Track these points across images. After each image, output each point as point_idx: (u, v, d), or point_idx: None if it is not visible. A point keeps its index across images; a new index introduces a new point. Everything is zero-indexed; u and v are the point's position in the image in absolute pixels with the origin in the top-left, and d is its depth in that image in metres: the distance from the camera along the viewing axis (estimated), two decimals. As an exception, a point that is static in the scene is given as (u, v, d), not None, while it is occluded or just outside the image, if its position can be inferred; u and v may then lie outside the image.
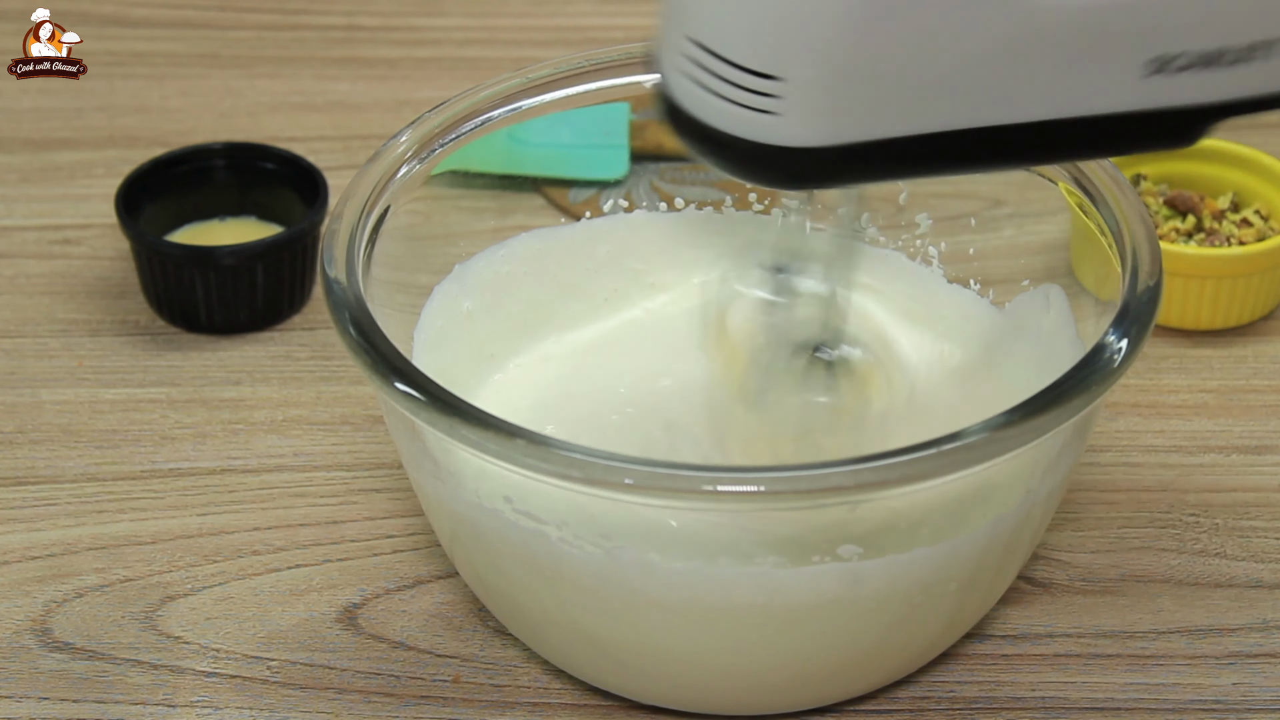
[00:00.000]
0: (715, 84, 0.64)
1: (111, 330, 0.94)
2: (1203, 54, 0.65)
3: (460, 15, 1.16)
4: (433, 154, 0.80)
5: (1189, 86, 0.66)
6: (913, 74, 0.63)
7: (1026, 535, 0.73)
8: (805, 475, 0.66)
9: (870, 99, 0.63)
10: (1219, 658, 0.78)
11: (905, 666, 0.76)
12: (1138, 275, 0.72)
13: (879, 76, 0.63)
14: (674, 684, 0.74)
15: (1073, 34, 0.64)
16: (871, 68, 0.63)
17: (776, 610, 0.69)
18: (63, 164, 1.04)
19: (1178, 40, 0.65)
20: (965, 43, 0.63)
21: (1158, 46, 0.65)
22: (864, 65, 0.63)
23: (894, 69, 0.63)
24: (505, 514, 0.70)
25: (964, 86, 0.64)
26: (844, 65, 0.63)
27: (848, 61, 0.63)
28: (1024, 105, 0.65)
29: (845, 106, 0.63)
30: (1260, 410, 0.89)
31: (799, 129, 0.64)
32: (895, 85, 0.63)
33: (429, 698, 0.77)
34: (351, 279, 0.73)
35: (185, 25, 1.15)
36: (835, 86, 0.63)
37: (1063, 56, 0.64)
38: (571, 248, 0.85)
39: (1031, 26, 0.63)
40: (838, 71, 0.63)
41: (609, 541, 0.69)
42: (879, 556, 0.69)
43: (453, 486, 0.71)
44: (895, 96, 0.64)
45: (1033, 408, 0.67)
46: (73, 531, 0.83)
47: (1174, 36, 0.65)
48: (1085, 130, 0.66)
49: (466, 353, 0.82)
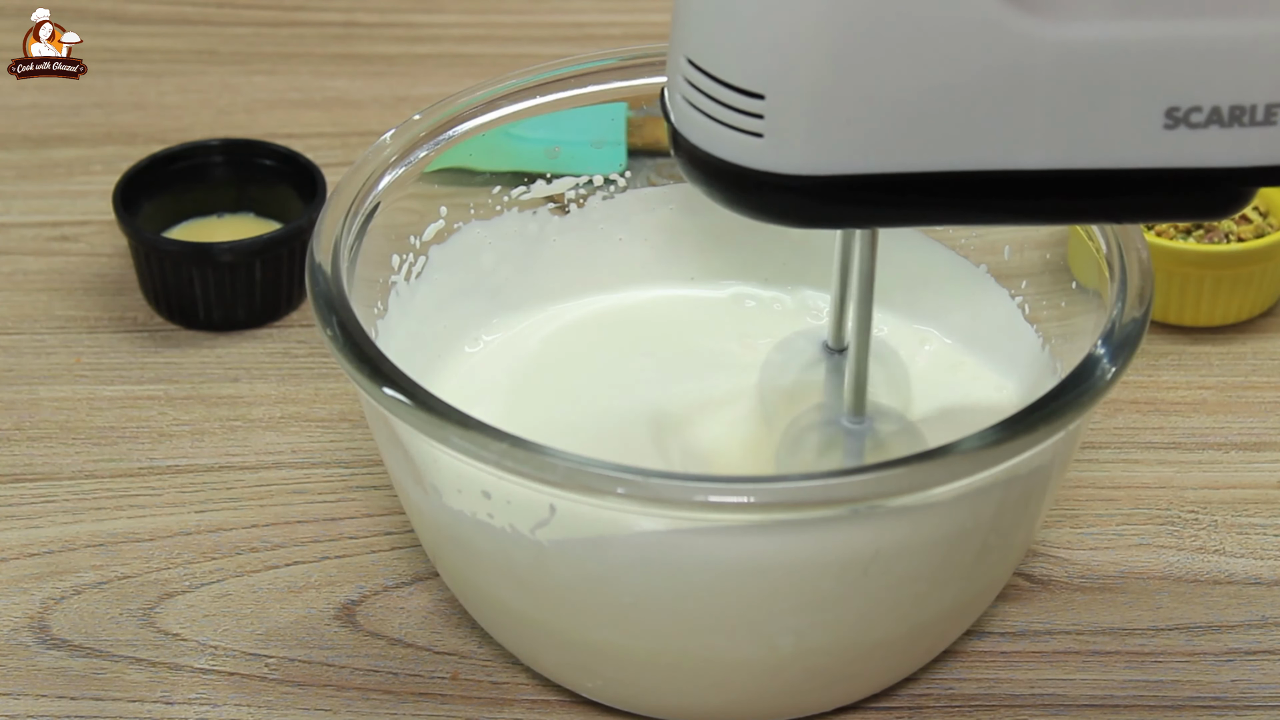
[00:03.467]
0: (707, 105, 0.63)
1: (109, 327, 0.94)
2: (1221, 109, 0.63)
3: (458, 11, 1.16)
4: (431, 149, 0.80)
5: (1213, 145, 0.63)
6: (903, 104, 0.62)
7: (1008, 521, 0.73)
8: (797, 487, 0.66)
9: (857, 127, 0.62)
10: (1217, 654, 0.78)
11: (906, 666, 0.76)
12: (1126, 292, 0.72)
13: (863, 101, 0.62)
14: (670, 692, 0.74)
15: (1078, 72, 0.62)
16: (855, 91, 0.62)
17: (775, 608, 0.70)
18: (60, 160, 1.04)
19: (1192, 92, 0.62)
20: (960, 72, 0.62)
21: (1171, 96, 0.62)
22: (849, 89, 0.62)
23: (882, 96, 0.62)
24: (479, 515, 0.70)
25: (960, 122, 0.62)
26: (827, 87, 0.62)
27: (831, 83, 0.62)
28: (1028, 150, 0.63)
29: (831, 133, 0.62)
30: (1259, 407, 0.89)
31: (784, 154, 0.63)
32: (882, 114, 0.62)
33: (427, 695, 0.77)
34: (335, 271, 0.73)
35: (183, 22, 1.15)
36: (819, 109, 0.62)
37: (1069, 97, 0.62)
38: (560, 238, 0.85)
39: (1031, 59, 0.62)
40: (821, 93, 0.62)
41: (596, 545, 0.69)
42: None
43: (434, 498, 0.72)
44: (884, 128, 0.62)
45: (1024, 423, 0.67)
46: (70, 528, 0.83)
47: (1186, 87, 0.62)
48: (1102, 187, 0.64)
49: (440, 335, 0.82)
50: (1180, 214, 0.66)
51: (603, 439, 0.79)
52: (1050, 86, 0.62)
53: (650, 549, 0.68)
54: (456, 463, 0.68)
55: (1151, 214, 0.66)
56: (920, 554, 0.70)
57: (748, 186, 0.64)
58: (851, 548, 0.68)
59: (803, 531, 0.68)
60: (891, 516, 0.68)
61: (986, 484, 0.69)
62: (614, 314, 0.85)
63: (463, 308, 0.83)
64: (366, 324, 0.73)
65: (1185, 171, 0.64)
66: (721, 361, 0.83)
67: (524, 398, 0.81)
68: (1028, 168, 0.64)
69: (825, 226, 0.66)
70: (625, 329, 0.85)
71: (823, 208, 0.64)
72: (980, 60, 0.62)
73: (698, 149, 0.65)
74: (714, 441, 0.79)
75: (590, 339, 0.84)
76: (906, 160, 0.63)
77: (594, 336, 0.84)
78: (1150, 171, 0.64)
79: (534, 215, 0.85)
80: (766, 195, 0.64)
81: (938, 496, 0.68)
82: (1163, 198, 0.65)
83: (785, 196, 0.64)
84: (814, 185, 0.63)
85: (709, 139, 0.64)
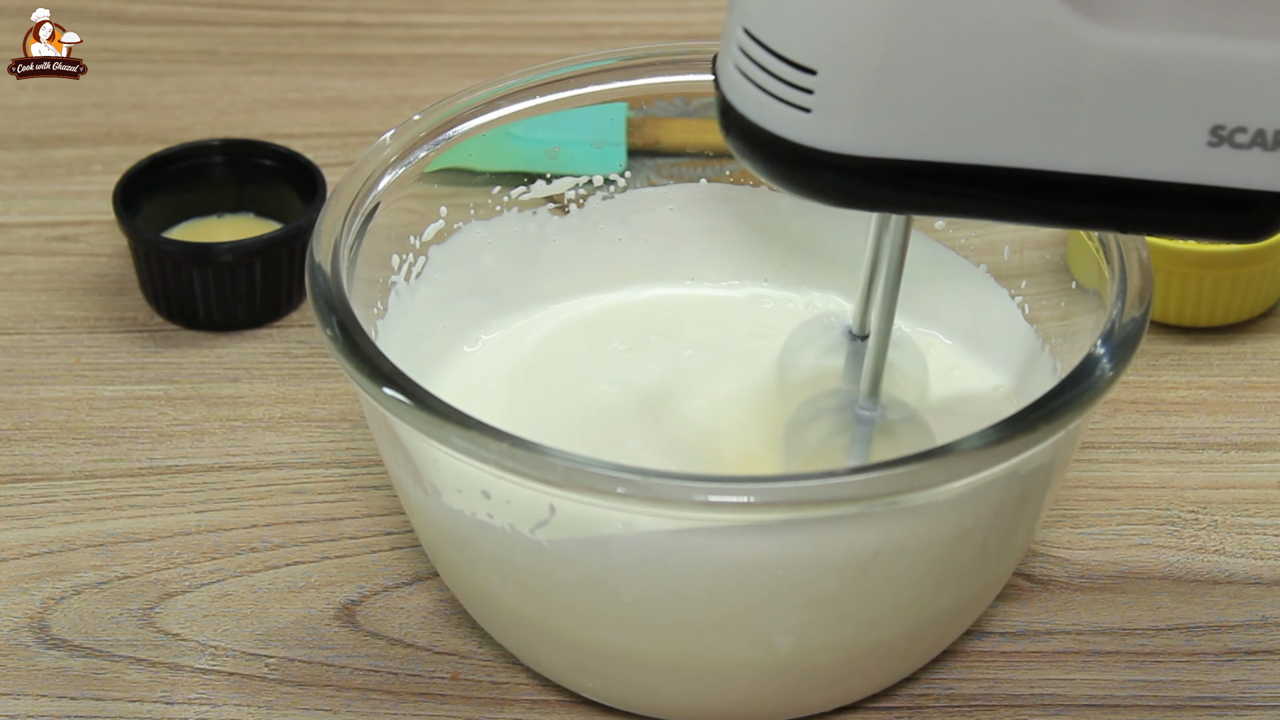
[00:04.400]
0: (760, 76, 0.64)
1: (109, 327, 0.94)
2: (1266, 132, 0.63)
3: (458, 12, 1.16)
4: (430, 149, 0.80)
5: (1254, 167, 0.64)
6: (953, 95, 0.62)
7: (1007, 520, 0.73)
8: (797, 487, 0.66)
9: (906, 113, 0.63)
10: (1217, 654, 0.78)
11: (906, 666, 0.76)
12: (1126, 292, 0.72)
13: (914, 87, 0.62)
14: (670, 692, 0.74)
15: (1128, 80, 0.62)
16: (907, 76, 0.62)
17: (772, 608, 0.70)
18: (60, 161, 1.04)
19: (1239, 112, 0.63)
20: (1013, 69, 0.62)
21: (1218, 114, 0.63)
22: (899, 72, 0.62)
23: (931, 83, 0.62)
24: (479, 515, 0.70)
25: (1009, 119, 0.63)
26: (880, 70, 0.62)
27: (881, 63, 0.62)
28: (1073, 153, 0.63)
29: (879, 115, 0.63)
30: (1259, 407, 0.89)
31: (832, 132, 0.63)
32: (932, 103, 0.62)
33: (427, 695, 0.77)
34: (335, 271, 0.73)
35: (183, 22, 1.15)
36: (868, 89, 0.62)
37: (1118, 104, 0.63)
38: (560, 238, 0.85)
39: (1086, 63, 0.62)
40: (873, 75, 0.62)
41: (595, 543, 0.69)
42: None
43: (434, 498, 0.72)
44: (931, 116, 0.63)
45: (1024, 423, 0.67)
46: (70, 529, 0.83)
47: (1234, 106, 0.63)
48: (1141, 197, 0.64)
49: (440, 335, 0.82)
50: (1214, 233, 0.66)
51: (601, 433, 0.79)
52: (1101, 92, 0.63)
53: (650, 549, 0.68)
54: (456, 463, 0.68)
55: (1186, 230, 0.66)
56: (920, 554, 0.70)
57: (793, 161, 0.64)
58: (851, 548, 0.68)
59: (803, 531, 0.68)
60: (891, 516, 0.68)
61: (986, 484, 0.69)
62: (612, 312, 0.86)
63: (463, 308, 0.83)
64: (366, 324, 0.73)
65: (1224, 191, 0.64)
66: (727, 357, 0.83)
67: (522, 395, 0.81)
68: (1071, 170, 0.64)
69: (864, 208, 0.66)
70: (624, 327, 0.85)
71: (864, 188, 0.65)
72: (1035, 59, 0.62)
73: (747, 120, 0.65)
74: (719, 436, 0.79)
75: (588, 336, 0.84)
76: (951, 151, 0.63)
77: (592, 334, 0.84)
78: (1189, 187, 0.64)
79: (534, 215, 0.85)
80: (811, 171, 0.64)
81: (938, 496, 0.68)
82: (1199, 214, 0.65)
83: (829, 174, 0.64)
84: (858, 165, 0.64)
85: (759, 111, 0.64)
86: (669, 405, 0.81)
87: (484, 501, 0.70)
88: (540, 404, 0.81)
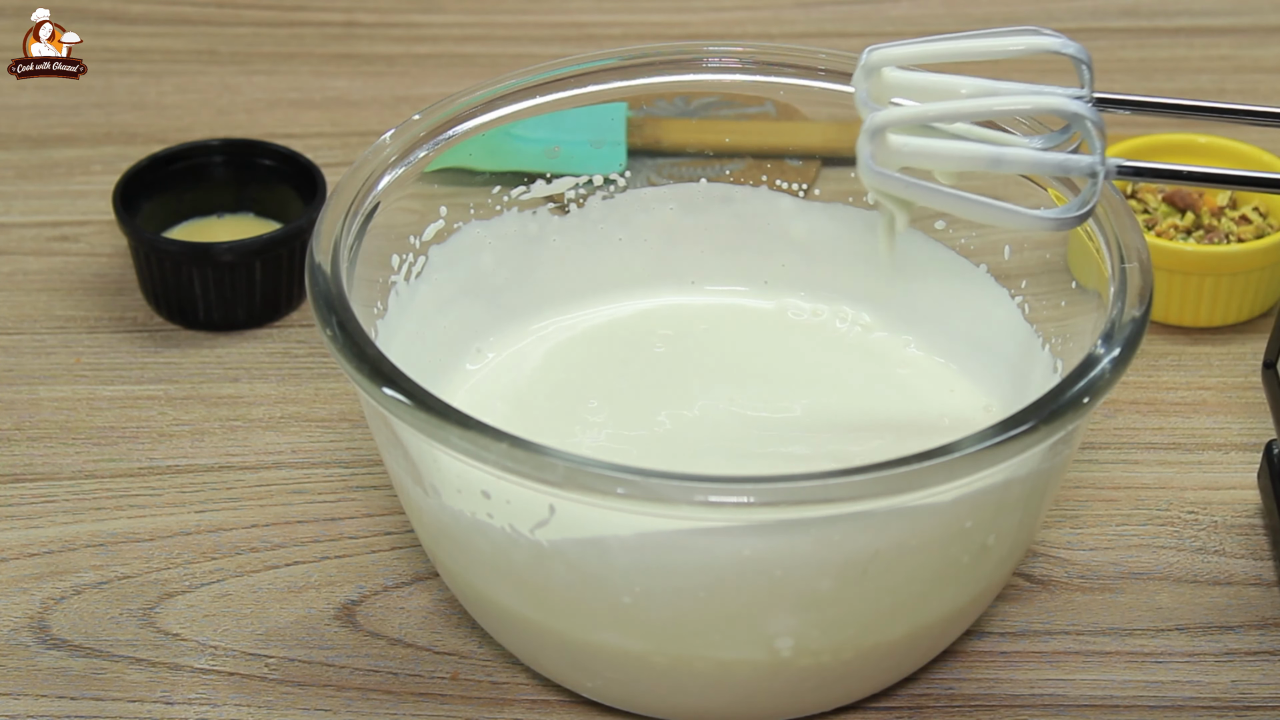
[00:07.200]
0: None
1: (109, 327, 0.94)
2: None
3: (458, 11, 1.16)
4: (430, 149, 0.80)
5: None
6: None
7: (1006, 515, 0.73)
8: (797, 487, 0.66)
9: None
10: (1217, 655, 0.78)
11: (906, 666, 0.76)
12: (1126, 292, 0.72)
13: None
14: (670, 692, 0.74)
15: None
16: None
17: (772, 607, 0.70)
18: (60, 161, 1.04)
19: None
20: None
21: None
22: None
23: None
24: (479, 515, 0.70)
25: None
26: None
27: None
28: None
29: None
30: (1259, 407, 0.89)
31: None
32: None
33: (427, 695, 0.77)
34: (335, 271, 0.73)
35: (183, 22, 1.15)
36: None
37: None
38: (560, 238, 0.85)
39: None
40: None
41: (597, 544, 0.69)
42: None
43: (434, 498, 0.72)
44: None
45: (1024, 423, 0.67)
46: (70, 529, 0.83)
47: None
48: None
49: (443, 339, 0.82)
50: None
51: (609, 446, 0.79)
52: None
53: (650, 549, 0.68)
54: (456, 463, 0.68)
55: None
56: (920, 554, 0.70)
57: None
58: (851, 548, 0.68)
59: (803, 531, 0.68)
60: (891, 517, 0.68)
61: (986, 484, 0.69)
62: (611, 326, 0.85)
63: (463, 308, 0.83)
64: (366, 324, 0.73)
65: None
66: (728, 362, 0.83)
67: (527, 411, 0.81)
68: None
69: None
70: (627, 339, 0.85)
71: None
72: None
73: None
74: (721, 438, 0.79)
75: (592, 351, 0.84)
76: None
77: (595, 348, 0.84)
78: None
79: (534, 215, 0.85)
80: None
81: (937, 496, 0.68)
82: None
83: None
84: None
85: None
86: (670, 409, 0.81)
87: (484, 501, 0.70)
88: (544, 424, 0.80)
